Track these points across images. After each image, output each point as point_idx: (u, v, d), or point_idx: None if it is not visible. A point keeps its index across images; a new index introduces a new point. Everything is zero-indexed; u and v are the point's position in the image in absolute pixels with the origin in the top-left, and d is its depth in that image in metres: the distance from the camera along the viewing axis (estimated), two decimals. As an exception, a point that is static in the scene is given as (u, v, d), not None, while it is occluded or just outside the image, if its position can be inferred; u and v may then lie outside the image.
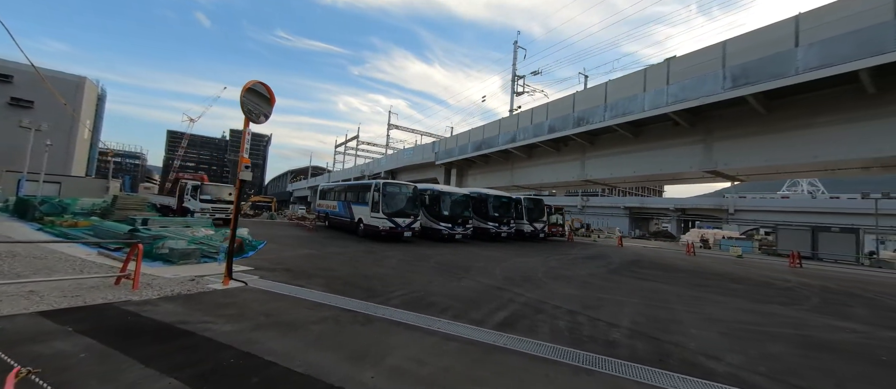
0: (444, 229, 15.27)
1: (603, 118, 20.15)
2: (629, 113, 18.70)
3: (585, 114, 21.50)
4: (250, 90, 5.85)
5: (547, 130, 24.17)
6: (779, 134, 15.13)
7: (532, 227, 19.90)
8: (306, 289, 5.77)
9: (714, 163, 17.21)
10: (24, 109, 43.65)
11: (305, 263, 8.50)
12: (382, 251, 11.53)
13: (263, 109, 6.20)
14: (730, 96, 14.56)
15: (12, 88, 43.79)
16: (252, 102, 5.93)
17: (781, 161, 15.19)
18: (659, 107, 17.25)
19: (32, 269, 5.82)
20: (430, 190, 16.26)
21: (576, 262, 12.26)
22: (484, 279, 7.60)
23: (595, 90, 21.59)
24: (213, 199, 16.34)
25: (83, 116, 49.51)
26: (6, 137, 40.22)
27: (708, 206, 43.01)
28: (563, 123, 22.98)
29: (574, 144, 23.92)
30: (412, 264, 9.33)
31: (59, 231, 10.07)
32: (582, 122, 21.62)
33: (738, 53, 14.77)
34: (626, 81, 19.51)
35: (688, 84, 16.17)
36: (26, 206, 12.54)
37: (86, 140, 54.48)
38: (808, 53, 12.64)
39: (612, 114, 19.67)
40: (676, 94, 16.50)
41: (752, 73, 14.03)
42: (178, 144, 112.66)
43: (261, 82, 5.99)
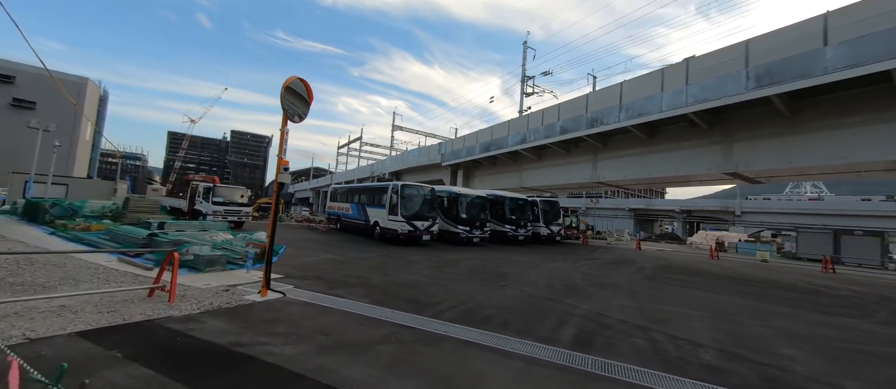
0: (462, 233, 14.90)
1: (618, 119, 19.81)
2: (646, 113, 18.36)
3: (599, 115, 21.16)
4: (289, 89, 5.48)
5: (559, 132, 23.82)
6: (803, 135, 14.82)
7: (549, 230, 19.52)
8: (348, 300, 5.39)
9: (734, 164, 16.89)
10: (26, 110, 43.11)
11: (334, 269, 8.11)
12: (405, 255, 11.15)
13: (299, 110, 5.82)
14: (753, 96, 14.23)
15: (14, 88, 43.26)
16: (289, 101, 5.56)
17: (805, 162, 14.88)
18: (678, 107, 16.91)
19: (55, 278, 5.42)
20: (448, 192, 15.89)
21: (606, 267, 11.88)
22: (525, 288, 7.23)
23: (609, 91, 21.27)
24: (226, 201, 15.92)
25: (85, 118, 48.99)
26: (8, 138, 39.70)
27: (714, 208, 42.75)
28: (576, 124, 22.64)
29: (586, 146, 23.58)
30: (443, 270, 8.96)
31: (73, 236, 9.65)
32: (596, 123, 21.27)
33: (762, 53, 14.46)
34: (642, 82, 19.20)
35: (709, 84, 15.84)
36: (36, 209, 12.10)
37: (87, 141, 53.94)
38: (837, 52, 12.32)
39: (628, 115, 19.33)
40: (697, 94, 16.17)
41: (777, 72, 13.70)
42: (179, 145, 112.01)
43: (300, 79, 5.61)
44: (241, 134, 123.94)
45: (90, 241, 9.10)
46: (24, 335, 3.21)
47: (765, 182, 20.10)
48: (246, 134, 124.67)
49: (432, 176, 38.68)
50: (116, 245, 8.67)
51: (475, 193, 17.13)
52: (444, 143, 38.41)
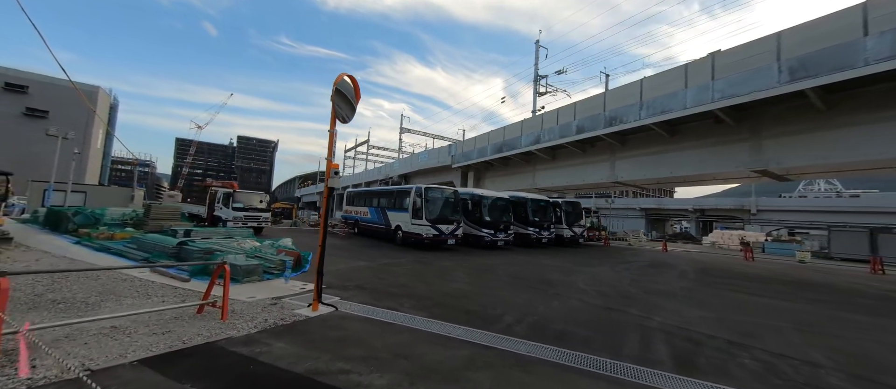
0: (486, 236, 14.49)
1: (638, 117, 19.33)
2: (669, 111, 17.87)
3: (618, 113, 20.68)
4: (338, 90, 5.13)
5: (575, 131, 23.36)
6: (838, 130, 14.27)
7: (572, 231, 19.03)
8: (404, 314, 5.02)
9: (764, 162, 16.35)
10: (39, 119, 43.42)
11: (372, 278, 7.75)
12: (434, 261, 10.77)
13: (344, 113, 5.47)
14: (787, 91, 13.72)
15: (28, 98, 43.60)
16: (338, 101, 5.21)
17: (842, 158, 14.32)
18: (703, 103, 16.42)
19: (94, 293, 5.10)
20: (470, 194, 15.49)
21: (647, 272, 11.38)
22: (580, 297, 6.82)
23: (628, 88, 20.79)
24: (245, 207, 15.64)
25: (97, 125, 49.27)
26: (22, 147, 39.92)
27: (728, 206, 41.87)
28: (593, 122, 22.17)
29: (603, 145, 23.12)
30: (482, 277, 8.58)
31: (100, 245, 9.37)
32: (614, 121, 20.80)
33: (795, 45, 13.94)
34: (663, 78, 18.71)
35: (737, 79, 15.34)
36: (59, 218, 11.87)
37: (99, 149, 54.24)
38: (879, 42, 11.80)
39: (649, 112, 18.84)
40: (724, 89, 15.68)
41: (812, 65, 13.19)
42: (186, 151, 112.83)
43: (348, 77, 5.26)
44: (248, 139, 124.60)
45: (118, 250, 8.81)
46: (84, 366, 2.87)
47: (794, 179, 19.54)
48: (252, 139, 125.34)
49: (442, 178, 38.30)
50: (145, 255, 8.38)
51: (498, 195, 16.72)
52: (454, 144, 38.04)
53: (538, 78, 28.22)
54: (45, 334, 3.30)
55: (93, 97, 47.81)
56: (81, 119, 44.73)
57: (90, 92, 47.75)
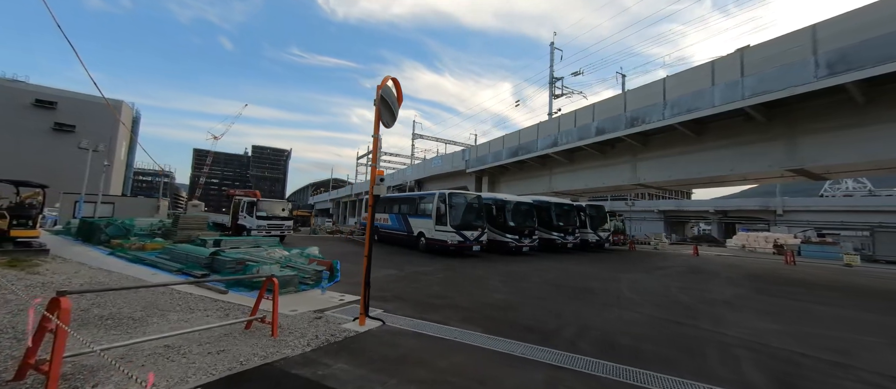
0: (511, 242, 14.14)
1: (662, 117, 18.78)
2: (695, 109, 17.30)
3: (640, 113, 20.16)
4: (382, 98, 4.95)
5: (594, 133, 22.89)
6: (881, 125, 13.51)
7: (597, 236, 18.46)
8: (456, 329, 4.74)
9: (800, 160, 15.63)
10: (66, 134, 44.98)
11: (406, 287, 7.51)
12: (464, 268, 10.49)
13: (386, 118, 5.28)
14: (825, 85, 13.08)
15: (56, 113, 45.25)
16: (383, 105, 5.03)
17: (887, 155, 13.54)
18: (733, 101, 15.83)
19: (138, 307, 4.98)
20: (493, 199, 15.17)
21: (689, 277, 10.80)
22: (633, 307, 6.43)
23: (651, 88, 20.27)
24: (268, 215, 15.66)
25: (120, 138, 50.77)
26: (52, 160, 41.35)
27: (752, 207, 40.33)
28: (614, 123, 21.68)
29: (623, 147, 22.58)
30: (520, 285, 8.25)
31: (133, 256, 9.39)
32: (636, 122, 20.27)
33: (832, 38, 13.31)
34: (688, 76, 18.15)
35: (769, 74, 14.73)
36: (91, 229, 12.03)
37: (122, 161, 55.84)
38: (930, 32, 11.14)
39: (674, 111, 18.28)
40: (755, 86, 15.08)
41: (853, 57, 12.55)
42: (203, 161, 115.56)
43: (393, 81, 5.08)
44: (262, 149, 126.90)
45: (152, 261, 8.80)
46: (145, 391, 2.69)
47: (831, 178, 18.65)
48: (266, 148, 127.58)
49: (456, 183, 38.07)
50: (179, 265, 8.33)
51: (521, 199, 16.35)
52: (467, 149, 37.81)
53: (553, 80, 27.84)
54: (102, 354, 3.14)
55: (118, 110, 49.37)
56: (106, 132, 46.16)
57: (115, 106, 49.31)
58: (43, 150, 42.28)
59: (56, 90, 46.51)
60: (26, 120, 42.53)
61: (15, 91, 42.47)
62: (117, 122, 45.27)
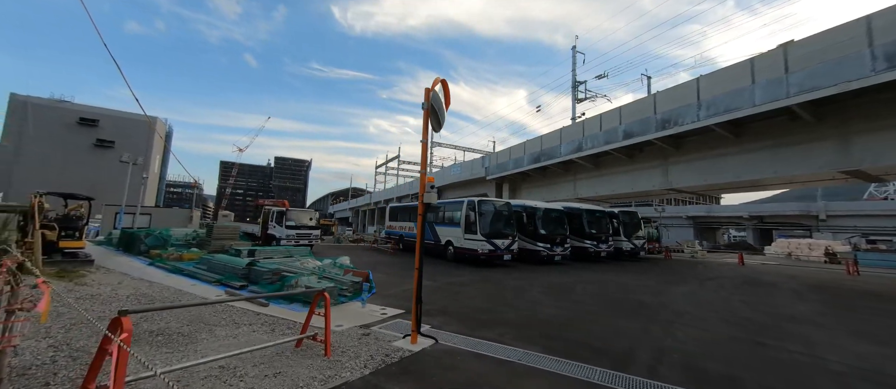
0: (542, 250, 13.57)
1: (697, 118, 17.90)
2: (734, 109, 16.38)
3: (672, 115, 19.31)
4: (431, 103, 4.70)
5: (621, 137, 22.12)
6: (952, 120, 12.32)
7: (632, 244, 17.57)
8: (517, 349, 4.34)
9: (855, 161, 14.46)
10: (106, 149, 47.57)
11: (447, 300, 7.17)
12: (500, 279, 10.06)
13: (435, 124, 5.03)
14: (884, 79, 12.06)
15: (98, 130, 48.02)
16: (432, 109, 4.77)
17: (961, 152, 12.31)
18: (777, 99, 14.88)
19: (184, 321, 4.85)
20: (523, 206, 14.68)
21: (749, 290, 9.81)
22: (700, 324, 5.84)
23: (683, 88, 19.43)
24: (297, 224, 15.75)
25: (154, 152, 53.23)
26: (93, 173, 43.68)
27: (791, 212, 37.75)
28: (643, 126, 20.88)
29: (653, 150, 21.70)
30: (565, 298, 7.76)
31: (172, 267, 9.47)
32: (668, 124, 19.43)
33: (890, 27, 12.31)
34: (725, 75, 17.27)
35: (818, 70, 13.77)
36: (132, 239, 12.35)
37: (156, 174, 58.47)
38: None
39: (710, 112, 17.39)
40: (802, 82, 14.12)
41: (920, 49, 11.53)
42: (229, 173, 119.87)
43: (442, 83, 4.83)
44: (284, 160, 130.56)
45: (190, 272, 8.82)
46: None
47: (890, 179, 17.20)
48: (288, 159, 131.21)
49: (475, 191, 37.64)
50: (217, 276, 8.30)
51: (552, 206, 15.76)
52: (487, 156, 37.43)
53: (576, 84, 27.22)
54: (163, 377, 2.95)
55: (153, 126, 51.90)
56: (142, 147, 48.54)
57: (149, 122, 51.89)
58: (86, 164, 44.74)
59: (98, 108, 49.38)
60: (72, 137, 45.21)
61: (62, 111, 45.31)
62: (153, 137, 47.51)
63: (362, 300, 6.50)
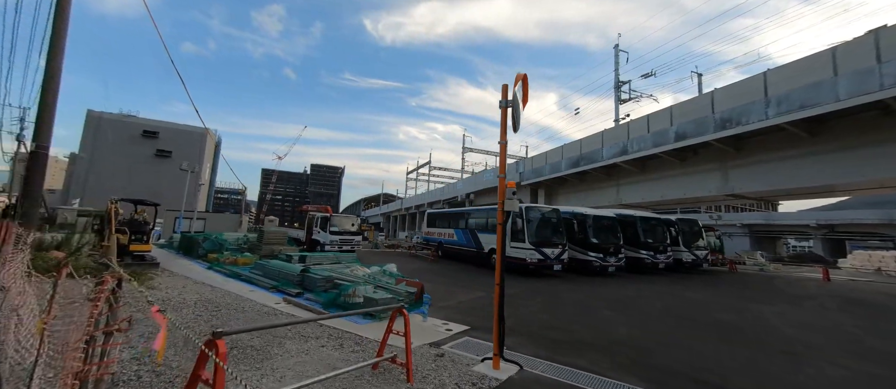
0: (595, 261, 12.63)
1: (765, 116, 16.21)
2: (812, 105, 14.64)
3: (734, 113, 17.67)
4: (510, 101, 4.27)
5: (673, 138, 20.57)
6: None
7: (694, 255, 16.02)
8: (614, 381, 3.76)
9: (973, 160, 12.31)
10: (165, 159, 51.65)
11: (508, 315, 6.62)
12: (556, 291, 9.36)
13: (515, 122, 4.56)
14: None
15: (157, 141, 52.30)
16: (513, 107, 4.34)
17: None
18: (867, 92, 13.12)
19: (255, 334, 4.71)
20: (573, 213, 13.81)
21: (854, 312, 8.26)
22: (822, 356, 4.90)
23: (746, 84, 17.75)
24: (340, 230, 15.92)
25: (205, 160, 57.03)
26: (154, 181, 47.48)
27: (869, 221, 33.11)
28: (699, 127, 19.28)
29: (709, 152, 19.99)
30: (636, 315, 6.98)
31: (230, 271, 9.68)
32: (729, 123, 17.79)
33: None
34: (798, 67, 15.51)
35: (923, 59, 11.93)
36: (192, 243, 12.94)
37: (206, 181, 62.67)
38: None
39: (781, 109, 15.67)
40: (900, 73, 12.30)
41: None
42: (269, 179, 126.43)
43: (523, 80, 4.39)
44: (319, 167, 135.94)
45: (247, 277, 8.93)
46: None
47: None
48: (323, 166, 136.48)
49: (509, 196, 36.69)
50: (273, 282, 8.31)
51: (602, 213, 14.74)
52: (521, 161, 36.46)
53: (619, 84, 25.79)
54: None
55: (204, 138, 55.80)
56: (194, 156, 52.29)
57: (202, 133, 55.82)
58: (147, 172, 48.71)
59: (157, 122, 53.83)
60: (136, 148, 49.49)
61: (129, 124, 49.79)
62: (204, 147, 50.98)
63: (423, 314, 6.13)
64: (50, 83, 7.90)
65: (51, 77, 7.99)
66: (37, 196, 7.79)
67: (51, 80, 7.95)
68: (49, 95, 7.89)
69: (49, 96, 7.91)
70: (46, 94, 7.87)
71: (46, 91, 7.86)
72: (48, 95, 7.89)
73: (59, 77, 8.11)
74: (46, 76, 7.99)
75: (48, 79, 7.98)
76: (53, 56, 8.03)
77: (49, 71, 8.00)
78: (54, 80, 7.97)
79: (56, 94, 7.96)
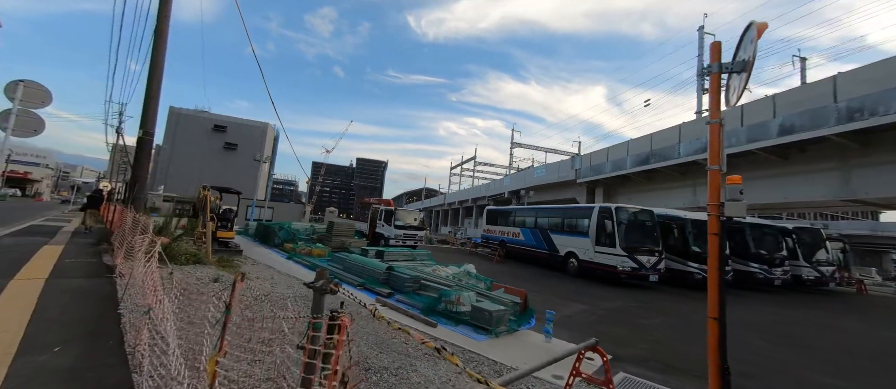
0: (697, 272, 10.86)
1: (917, 105, 13.06)
2: None
3: (864, 103, 14.59)
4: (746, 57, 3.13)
5: (777, 132, 17.62)
6: None
7: (817, 272, 13.37)
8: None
9: None
10: (232, 151, 55.85)
11: (637, 339, 5.51)
12: (666, 306, 7.98)
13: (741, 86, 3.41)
14: None
15: (225, 135, 56.70)
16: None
17: None
18: None
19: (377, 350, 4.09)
20: (667, 217, 12.05)
21: None
22: None
23: (880, 67, 14.56)
24: (404, 224, 15.51)
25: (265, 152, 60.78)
26: (222, 171, 51.57)
27: None
28: (814, 119, 16.26)
29: (823, 149, 16.85)
30: (802, 347, 5.49)
31: (310, 263, 9.49)
32: (859, 114, 14.71)
33: None
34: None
35: None
36: (267, 232, 13.21)
37: (265, 172, 66.97)
38: None
39: (943, 97, 12.49)
40: None
41: None
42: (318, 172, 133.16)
43: (758, 29, 3.23)
44: (364, 161, 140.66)
45: (332, 272, 8.61)
46: None
47: None
48: (367, 161, 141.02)
49: (562, 195, 34.56)
50: (359, 279, 7.87)
51: (702, 217, 12.77)
52: (578, 157, 34.06)
53: (703, 72, 22.71)
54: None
55: (265, 131, 59.44)
56: (258, 149, 55.99)
57: (263, 127, 59.52)
58: (217, 163, 52.88)
59: (225, 117, 58.21)
60: (208, 141, 53.92)
61: (202, 120, 54.34)
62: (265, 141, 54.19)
63: (548, 334, 5.16)
64: (154, 73, 8.04)
65: (155, 67, 8.13)
66: (144, 180, 8.03)
67: (155, 69, 8.10)
68: (154, 84, 8.04)
69: (153, 86, 8.05)
70: (152, 84, 8.02)
71: (152, 81, 8.01)
72: (153, 85, 8.03)
73: (162, 69, 8.24)
74: (151, 67, 8.15)
75: (153, 69, 8.12)
76: (157, 51, 8.16)
77: (154, 62, 8.15)
78: (158, 70, 8.11)
79: (159, 84, 8.09)
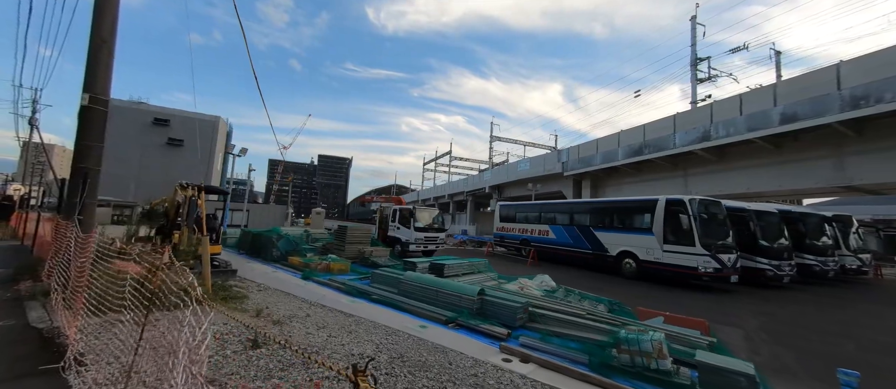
0: (769, 269, 9.95)
1: (924, 91, 13.49)
2: None
3: (869, 89, 15.00)
4: None
5: (777, 120, 17.91)
6: None
7: (858, 260, 13.19)
8: None
9: None
10: (176, 147, 48.46)
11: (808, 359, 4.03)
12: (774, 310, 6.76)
13: None
14: None
15: (169, 130, 49.00)
16: None
17: None
18: None
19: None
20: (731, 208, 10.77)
21: None
22: None
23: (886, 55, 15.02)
24: (424, 227, 13.01)
25: (217, 149, 53.80)
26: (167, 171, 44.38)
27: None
28: (817, 107, 16.61)
29: (818, 137, 17.43)
30: None
31: (348, 286, 6.95)
32: (864, 101, 15.10)
33: None
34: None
35: None
36: (259, 242, 10.18)
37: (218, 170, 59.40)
38: None
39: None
40: None
41: None
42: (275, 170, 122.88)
43: None
44: (327, 158, 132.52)
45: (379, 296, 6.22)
46: None
47: None
48: (330, 157, 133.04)
49: (547, 188, 34.01)
50: (430, 307, 5.61)
51: (765, 207, 11.84)
52: (565, 150, 33.65)
53: (697, 61, 22.93)
54: None
55: (215, 126, 52.47)
56: (206, 145, 49.11)
57: (213, 121, 52.46)
58: (159, 161, 45.56)
59: (168, 109, 50.45)
60: (148, 136, 46.23)
61: (140, 112, 46.42)
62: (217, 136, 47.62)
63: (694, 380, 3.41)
64: (106, 4, 5.06)
65: (105, 1, 5.13)
66: (96, 175, 5.07)
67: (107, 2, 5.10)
68: (105, 23, 5.05)
69: (105, 26, 5.07)
70: (101, 22, 5.03)
71: (102, 18, 5.02)
72: (104, 24, 5.05)
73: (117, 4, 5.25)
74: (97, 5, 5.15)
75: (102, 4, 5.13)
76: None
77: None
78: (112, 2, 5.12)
79: (114, 22, 5.12)
